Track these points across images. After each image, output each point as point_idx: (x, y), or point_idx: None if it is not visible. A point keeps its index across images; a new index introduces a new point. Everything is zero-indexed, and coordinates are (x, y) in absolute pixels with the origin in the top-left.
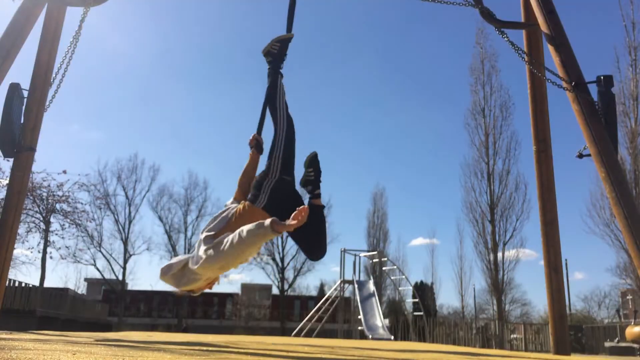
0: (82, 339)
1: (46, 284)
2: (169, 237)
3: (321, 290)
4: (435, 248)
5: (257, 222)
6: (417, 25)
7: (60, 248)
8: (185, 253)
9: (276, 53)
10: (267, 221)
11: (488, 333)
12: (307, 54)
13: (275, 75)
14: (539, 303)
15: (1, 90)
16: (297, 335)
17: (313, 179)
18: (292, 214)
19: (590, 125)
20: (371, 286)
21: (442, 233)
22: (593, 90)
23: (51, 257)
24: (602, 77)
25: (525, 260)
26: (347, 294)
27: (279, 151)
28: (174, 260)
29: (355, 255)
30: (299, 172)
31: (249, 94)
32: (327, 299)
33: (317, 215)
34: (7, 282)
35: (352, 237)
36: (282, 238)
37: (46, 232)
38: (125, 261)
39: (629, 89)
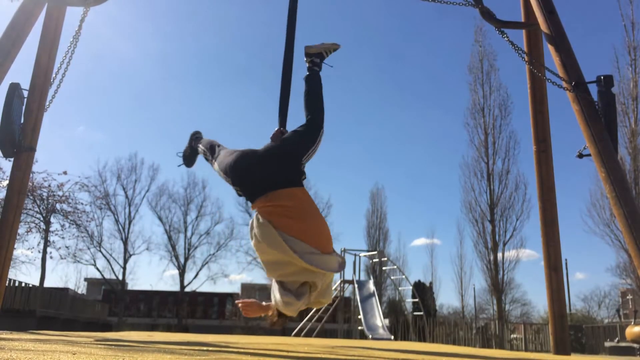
0: (82, 339)
1: (46, 284)
2: (169, 237)
3: None
4: (436, 248)
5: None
6: (416, 23)
7: (60, 248)
8: (185, 253)
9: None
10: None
11: (488, 333)
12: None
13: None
14: (539, 303)
15: (1, 90)
16: (297, 335)
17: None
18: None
19: (590, 125)
20: (371, 286)
21: (443, 233)
22: (593, 90)
23: (51, 257)
24: (602, 77)
25: (526, 260)
26: (347, 293)
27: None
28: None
29: (355, 255)
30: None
31: (247, 94)
32: None
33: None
34: (7, 282)
35: (352, 236)
36: None
37: (46, 232)
38: (125, 261)
39: (629, 88)
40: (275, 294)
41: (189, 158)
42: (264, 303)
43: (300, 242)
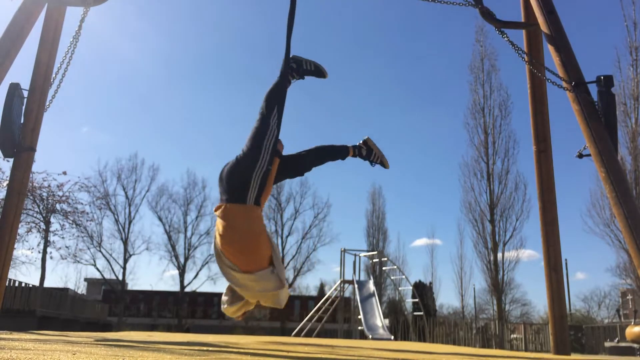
0: (82, 339)
1: (46, 284)
2: (169, 237)
3: (321, 290)
4: (437, 248)
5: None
6: (417, 23)
7: (60, 248)
8: (185, 253)
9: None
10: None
11: (488, 333)
12: (304, 54)
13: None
14: (539, 303)
15: (1, 91)
16: (297, 335)
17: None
18: None
19: (590, 125)
20: (371, 286)
21: (443, 233)
22: (593, 90)
23: (51, 257)
24: (602, 77)
25: (526, 260)
26: (347, 294)
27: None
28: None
29: (355, 255)
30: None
31: (249, 95)
32: (327, 299)
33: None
34: (7, 282)
35: (352, 237)
36: (281, 238)
37: (46, 232)
38: (125, 261)
39: (630, 88)
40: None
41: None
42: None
43: (223, 255)
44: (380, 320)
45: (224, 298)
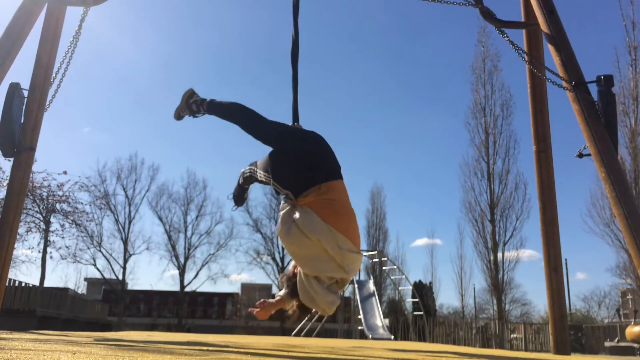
0: (82, 338)
1: (46, 284)
2: (169, 237)
3: None
4: (436, 248)
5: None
6: (419, 24)
7: (60, 248)
8: (185, 252)
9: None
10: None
11: (488, 333)
12: (305, 53)
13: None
14: (539, 303)
15: (1, 91)
16: (297, 335)
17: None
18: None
19: (590, 125)
20: (371, 286)
21: (444, 233)
22: (593, 90)
23: (51, 257)
24: (602, 77)
25: (526, 260)
26: (347, 293)
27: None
28: None
29: None
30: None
31: (249, 96)
32: None
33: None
34: (7, 282)
35: None
36: None
37: (46, 232)
38: (125, 261)
39: (629, 88)
40: (315, 292)
41: (239, 197)
42: (271, 300)
43: (344, 238)
44: (380, 320)
45: (329, 297)
